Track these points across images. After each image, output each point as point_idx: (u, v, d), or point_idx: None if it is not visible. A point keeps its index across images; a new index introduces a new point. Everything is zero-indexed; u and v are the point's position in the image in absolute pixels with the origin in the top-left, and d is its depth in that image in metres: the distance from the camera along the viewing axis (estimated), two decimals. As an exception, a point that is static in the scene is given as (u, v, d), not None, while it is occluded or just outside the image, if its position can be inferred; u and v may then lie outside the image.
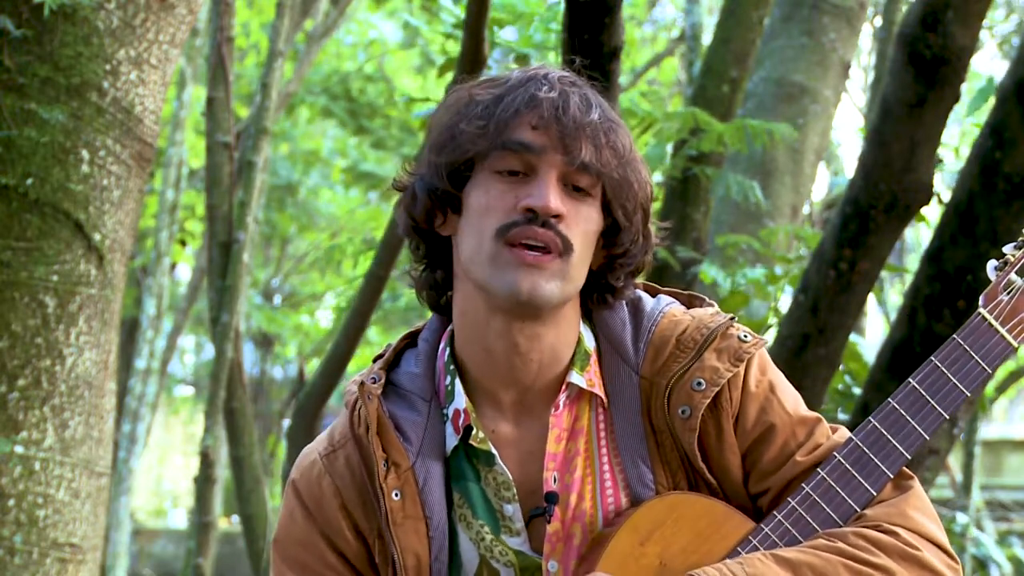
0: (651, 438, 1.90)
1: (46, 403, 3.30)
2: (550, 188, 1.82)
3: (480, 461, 1.93)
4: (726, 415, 1.90)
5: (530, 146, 1.83)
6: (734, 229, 5.88)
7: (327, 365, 6.13)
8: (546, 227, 1.82)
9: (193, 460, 18.67)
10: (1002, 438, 16.05)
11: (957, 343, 1.92)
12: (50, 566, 3.30)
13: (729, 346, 1.90)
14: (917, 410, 1.89)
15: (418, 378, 1.95)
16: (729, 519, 1.87)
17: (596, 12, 3.62)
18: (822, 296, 4.29)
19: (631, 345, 1.93)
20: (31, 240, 3.31)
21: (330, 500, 1.93)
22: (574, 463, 1.91)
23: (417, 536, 1.89)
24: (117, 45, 3.40)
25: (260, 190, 7.34)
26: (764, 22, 6.24)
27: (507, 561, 1.91)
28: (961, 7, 3.98)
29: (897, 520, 1.84)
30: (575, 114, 1.83)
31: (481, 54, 4.78)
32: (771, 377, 1.94)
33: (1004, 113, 4.14)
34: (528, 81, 1.87)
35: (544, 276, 1.82)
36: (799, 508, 1.85)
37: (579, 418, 1.93)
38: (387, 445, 1.90)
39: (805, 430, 1.91)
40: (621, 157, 1.86)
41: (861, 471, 1.86)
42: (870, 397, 4.28)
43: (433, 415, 1.93)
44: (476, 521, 1.92)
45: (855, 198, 4.22)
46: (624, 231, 1.89)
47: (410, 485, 1.89)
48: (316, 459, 1.96)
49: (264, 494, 6.88)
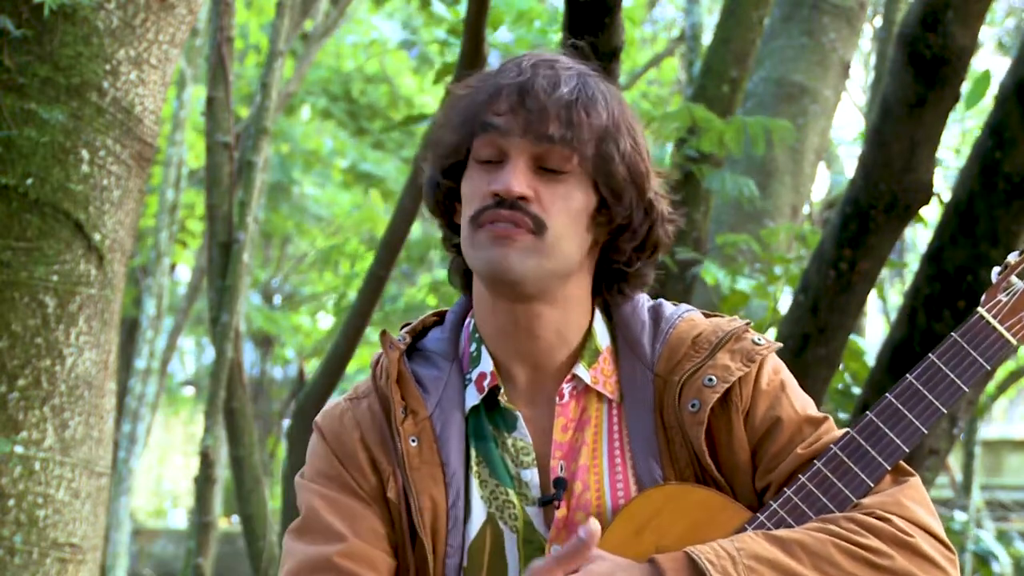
0: (662, 435, 1.93)
1: (46, 403, 3.30)
2: (515, 172, 1.85)
3: (499, 427, 1.96)
4: (736, 411, 1.92)
5: (498, 132, 1.87)
6: (734, 229, 5.88)
7: (327, 365, 6.13)
8: (513, 208, 1.85)
9: (193, 460, 18.67)
10: (1002, 438, 16.06)
11: (955, 340, 1.93)
12: (50, 566, 3.30)
13: (742, 347, 1.94)
14: (915, 404, 1.91)
15: (442, 342, 2.01)
16: (725, 509, 1.88)
17: (596, 12, 3.62)
18: (822, 296, 4.29)
19: (648, 345, 1.96)
20: (31, 240, 3.31)
21: (350, 432, 1.96)
22: (580, 453, 1.94)
23: (434, 481, 1.92)
24: (117, 45, 3.40)
25: (260, 190, 7.35)
26: (764, 22, 6.24)
27: (514, 526, 1.93)
28: (961, 7, 3.98)
29: (892, 508, 1.85)
30: (538, 94, 1.85)
31: (481, 54, 4.79)
32: (783, 377, 1.97)
33: (1004, 113, 4.14)
34: (500, 71, 1.91)
35: (515, 249, 1.85)
36: (795, 498, 1.86)
37: (586, 409, 1.96)
38: (406, 394, 1.94)
39: (811, 428, 1.93)
40: (598, 130, 1.87)
41: (858, 463, 1.87)
42: (870, 397, 4.28)
43: (454, 374, 1.98)
44: (492, 480, 1.94)
45: (855, 198, 4.22)
46: (613, 206, 1.90)
47: (427, 432, 1.93)
48: (340, 402, 2.02)
49: (264, 494, 6.88)
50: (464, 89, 1.93)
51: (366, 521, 1.92)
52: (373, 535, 1.92)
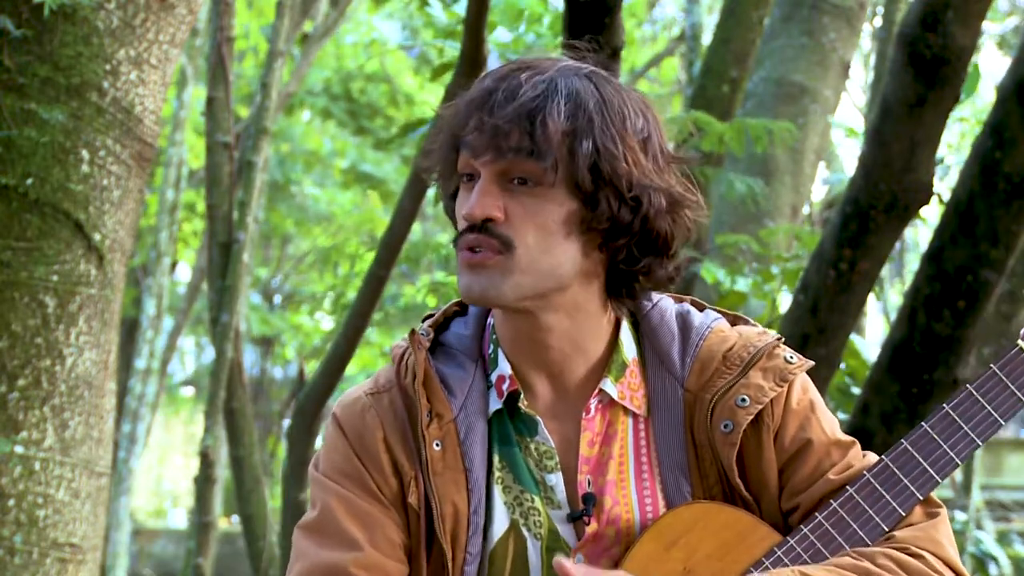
0: (691, 451, 1.90)
1: (46, 403, 3.30)
2: (480, 194, 1.83)
3: (522, 432, 1.93)
4: (768, 431, 1.90)
5: (469, 150, 1.85)
6: (734, 229, 5.88)
7: (327, 365, 6.13)
8: (481, 231, 1.83)
9: (193, 460, 18.66)
10: (1002, 438, 16.05)
11: (993, 372, 1.90)
12: (50, 566, 3.30)
13: (775, 366, 1.91)
14: (950, 435, 1.88)
15: (466, 339, 1.97)
16: (755, 530, 1.87)
17: (596, 12, 3.62)
18: (822, 296, 4.29)
19: (678, 359, 1.93)
20: (31, 240, 3.31)
21: (373, 432, 1.92)
22: (607, 467, 1.91)
23: (456, 487, 1.89)
24: (117, 45, 3.40)
25: (260, 190, 7.35)
26: (764, 22, 6.25)
27: (538, 533, 1.91)
28: (961, 7, 3.98)
29: (926, 545, 1.85)
30: (494, 108, 1.82)
31: (481, 54, 4.78)
32: (812, 396, 1.94)
33: (1004, 113, 4.14)
34: (479, 82, 1.88)
35: (486, 274, 1.83)
36: (826, 523, 1.85)
37: (612, 423, 1.93)
38: (431, 396, 1.91)
39: (840, 452, 1.91)
40: (562, 134, 1.81)
41: (890, 491, 1.86)
42: (870, 397, 4.28)
43: (478, 376, 1.94)
44: (516, 486, 1.92)
45: (855, 198, 4.22)
46: (590, 207, 1.83)
47: (451, 437, 1.90)
48: (361, 396, 1.97)
49: (264, 494, 6.88)
50: (443, 112, 1.91)
51: (383, 529, 1.89)
52: (389, 544, 1.89)
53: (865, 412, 4.25)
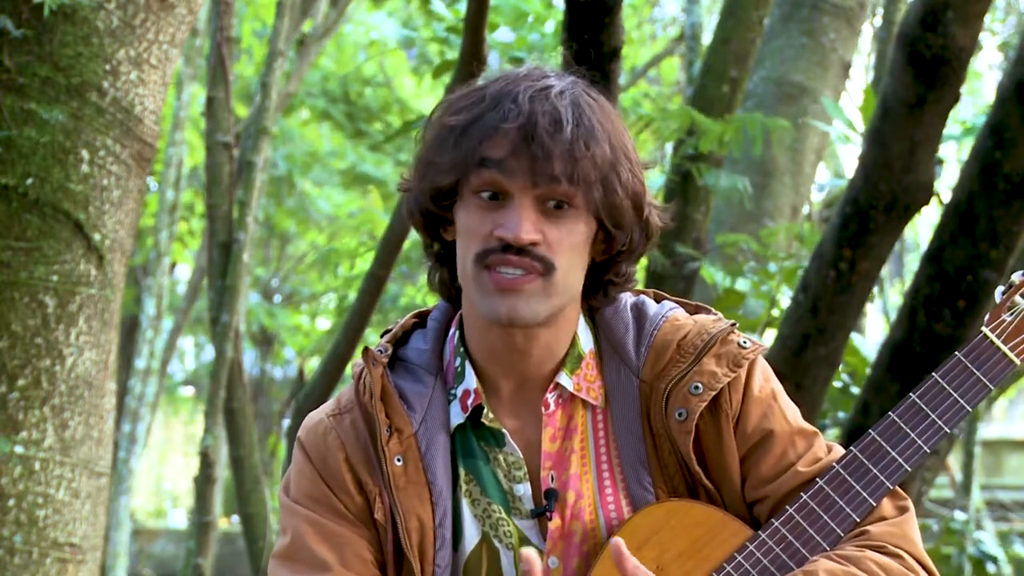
0: (650, 442, 1.91)
1: (46, 403, 3.30)
2: (522, 218, 1.83)
3: (488, 443, 1.94)
4: (726, 418, 1.90)
5: (498, 169, 1.84)
6: (734, 229, 5.88)
7: (327, 365, 6.12)
8: (522, 254, 1.83)
9: (193, 460, 18.66)
10: (1002, 438, 16.04)
11: (959, 359, 1.92)
12: (50, 566, 3.30)
13: (728, 351, 1.92)
14: (917, 423, 1.90)
15: (425, 353, 1.98)
16: (726, 526, 1.88)
17: (596, 12, 3.62)
18: (822, 296, 4.29)
19: (633, 348, 1.94)
20: (31, 240, 3.31)
21: (335, 454, 1.94)
22: (570, 461, 1.93)
23: (420, 501, 1.91)
24: (117, 45, 3.40)
25: (260, 190, 7.35)
26: (764, 22, 6.24)
27: (509, 543, 1.92)
28: (961, 7, 3.98)
29: (901, 543, 1.87)
30: (542, 137, 1.82)
31: (481, 54, 4.78)
32: (774, 385, 1.95)
33: (1004, 113, 4.14)
34: (498, 104, 1.86)
35: (523, 298, 1.84)
36: (797, 516, 1.86)
37: (572, 417, 1.94)
38: (390, 411, 1.92)
39: (804, 442, 1.92)
40: (601, 163, 1.85)
41: (860, 481, 1.87)
42: (870, 397, 4.28)
43: (438, 390, 1.95)
44: (484, 499, 1.93)
45: (855, 198, 4.22)
46: (616, 235, 1.89)
47: (412, 451, 1.91)
48: (323, 418, 1.99)
49: (264, 494, 6.88)
50: (453, 115, 1.89)
51: (353, 547, 1.91)
52: (360, 562, 1.91)
53: (865, 412, 4.25)
